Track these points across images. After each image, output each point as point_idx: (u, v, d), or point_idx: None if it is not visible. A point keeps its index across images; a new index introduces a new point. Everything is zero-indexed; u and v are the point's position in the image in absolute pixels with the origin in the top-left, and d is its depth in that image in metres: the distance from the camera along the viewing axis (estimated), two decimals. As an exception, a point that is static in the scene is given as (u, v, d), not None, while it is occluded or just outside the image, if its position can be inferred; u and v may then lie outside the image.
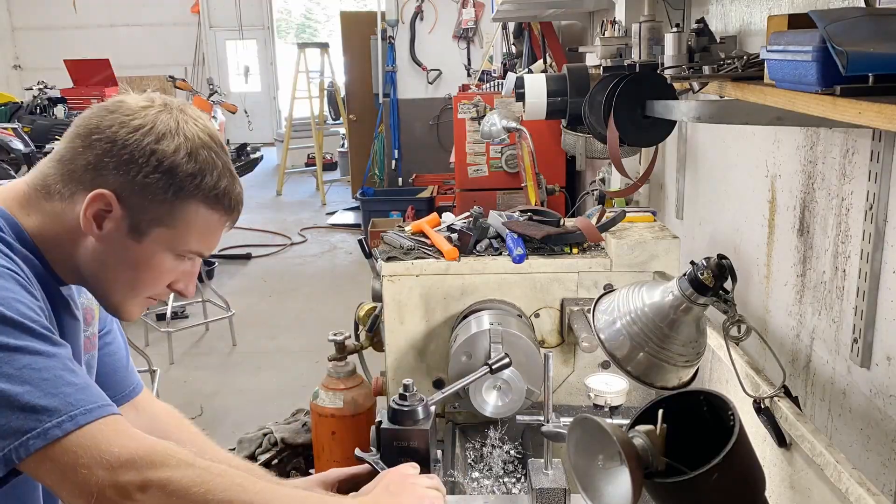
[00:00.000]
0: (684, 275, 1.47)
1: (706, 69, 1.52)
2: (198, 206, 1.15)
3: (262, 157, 9.10)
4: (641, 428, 1.08)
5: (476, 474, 1.75)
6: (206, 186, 1.14)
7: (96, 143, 1.11)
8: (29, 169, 5.33)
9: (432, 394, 1.46)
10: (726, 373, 1.75)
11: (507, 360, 1.47)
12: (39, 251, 1.16)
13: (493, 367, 1.46)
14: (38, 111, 9.48)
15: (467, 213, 2.19)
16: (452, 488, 1.67)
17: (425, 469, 1.32)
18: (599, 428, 1.05)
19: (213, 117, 9.86)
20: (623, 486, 1.04)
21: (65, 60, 11.33)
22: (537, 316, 2.08)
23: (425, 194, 7.55)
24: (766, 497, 1.14)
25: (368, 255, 2.41)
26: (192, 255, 1.20)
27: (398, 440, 1.35)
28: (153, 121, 1.12)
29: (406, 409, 1.35)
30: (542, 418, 1.57)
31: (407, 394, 1.37)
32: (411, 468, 1.27)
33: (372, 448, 1.40)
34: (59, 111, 9.50)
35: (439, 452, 1.43)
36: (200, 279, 5.51)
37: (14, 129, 6.76)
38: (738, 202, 2.10)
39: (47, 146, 5.33)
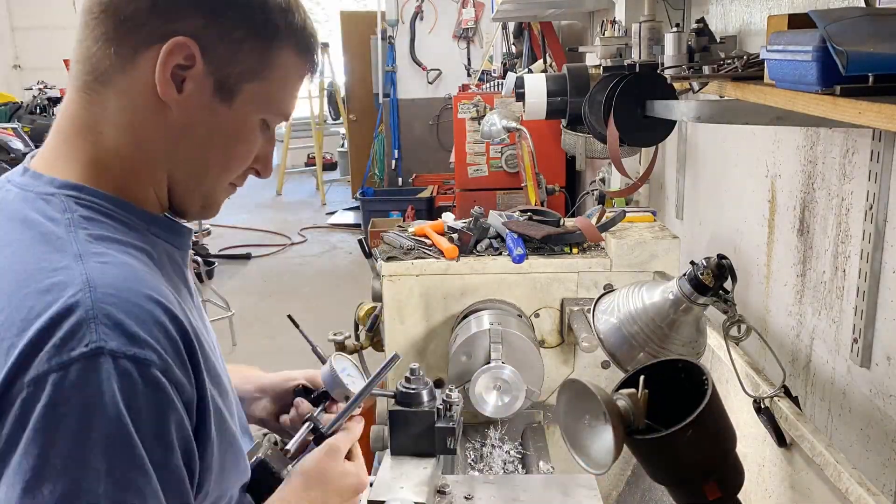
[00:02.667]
0: (684, 275, 1.48)
1: (706, 69, 1.52)
2: (290, 51, 0.91)
3: (262, 156, 9.11)
4: (624, 391, 1.17)
5: (476, 474, 1.75)
6: (297, 26, 0.90)
7: None
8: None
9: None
10: (726, 373, 1.75)
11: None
12: (150, 212, 0.91)
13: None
14: (38, 111, 9.49)
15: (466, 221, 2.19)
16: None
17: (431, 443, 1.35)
18: (586, 390, 1.14)
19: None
20: (606, 443, 1.12)
21: (65, 60, 11.34)
22: (537, 316, 2.08)
23: (425, 194, 7.55)
24: (737, 453, 1.21)
25: (368, 255, 2.41)
26: (278, 120, 0.96)
27: (405, 422, 1.38)
28: None
29: (412, 391, 1.38)
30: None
31: (412, 377, 1.40)
32: (329, 457, 1.12)
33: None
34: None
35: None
36: (200, 279, 5.51)
37: (14, 129, 6.77)
38: (738, 202, 2.10)
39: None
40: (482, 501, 1.40)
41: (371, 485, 1.33)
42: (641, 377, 1.19)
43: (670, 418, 1.14)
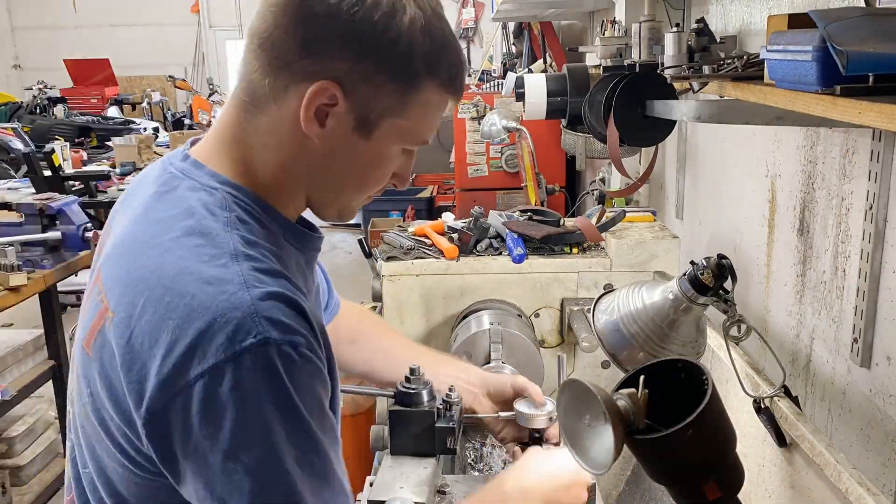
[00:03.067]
0: (684, 275, 1.47)
1: (706, 69, 1.52)
2: (432, 88, 0.95)
3: (262, 156, 9.09)
4: (624, 391, 1.17)
5: (476, 474, 1.75)
6: (442, 66, 0.95)
7: (311, 21, 0.89)
8: (29, 169, 5.30)
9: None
10: (726, 373, 1.75)
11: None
12: (273, 208, 0.99)
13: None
14: (38, 111, 9.49)
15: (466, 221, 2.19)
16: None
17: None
18: (586, 390, 1.13)
19: (213, 117, 9.86)
20: (606, 443, 1.12)
21: (65, 60, 11.35)
22: (537, 316, 2.08)
23: (425, 194, 7.55)
24: (738, 453, 1.22)
25: (368, 255, 2.41)
26: (416, 146, 1.02)
27: (405, 422, 1.38)
28: None
29: (412, 391, 1.38)
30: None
31: (412, 377, 1.40)
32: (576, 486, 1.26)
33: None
34: (59, 111, 9.51)
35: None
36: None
37: (14, 129, 6.76)
38: (738, 202, 2.10)
39: (47, 146, 5.32)
40: None
41: (371, 485, 1.33)
42: (641, 377, 1.19)
43: (670, 418, 1.14)
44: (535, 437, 1.46)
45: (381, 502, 1.25)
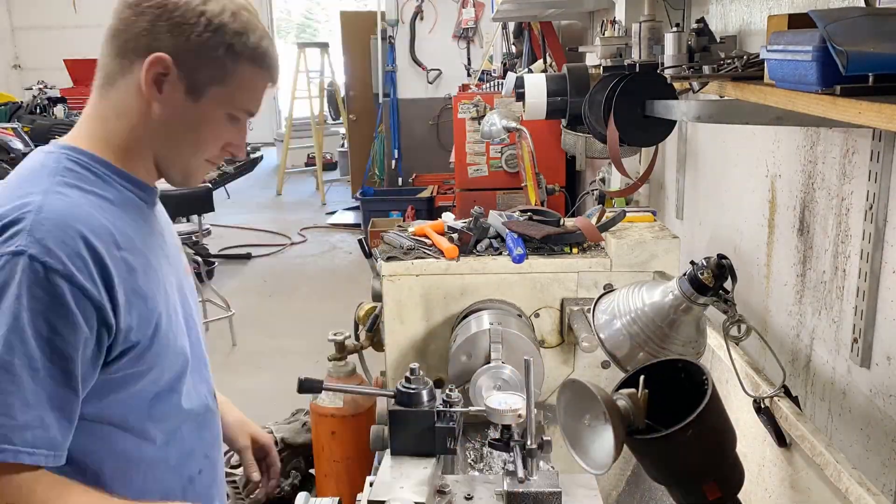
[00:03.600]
0: (684, 274, 1.48)
1: (706, 69, 1.52)
2: (245, 63, 1.20)
3: (262, 157, 9.10)
4: (624, 391, 1.18)
5: (476, 474, 1.75)
6: (251, 45, 1.19)
7: (147, 10, 1.16)
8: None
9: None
10: (726, 373, 1.75)
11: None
12: (128, 172, 1.22)
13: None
14: (37, 111, 9.49)
15: (466, 221, 2.19)
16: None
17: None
18: (586, 390, 1.15)
19: (213, 117, 9.86)
20: (606, 442, 1.13)
21: (65, 60, 11.33)
22: (537, 316, 2.08)
23: (425, 194, 7.55)
24: (738, 453, 1.21)
25: (368, 255, 2.41)
26: (243, 115, 1.25)
27: (405, 422, 1.39)
28: None
29: (412, 391, 1.39)
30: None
31: (412, 377, 1.41)
32: None
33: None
34: (59, 111, 9.51)
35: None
36: (200, 279, 5.51)
37: (14, 129, 6.77)
38: (738, 202, 2.10)
39: (47, 146, 5.32)
40: (482, 501, 1.40)
41: (371, 485, 1.33)
42: (641, 377, 1.19)
43: (670, 418, 1.14)
44: (505, 434, 1.40)
45: (381, 502, 1.25)
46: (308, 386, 1.54)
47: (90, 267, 1.09)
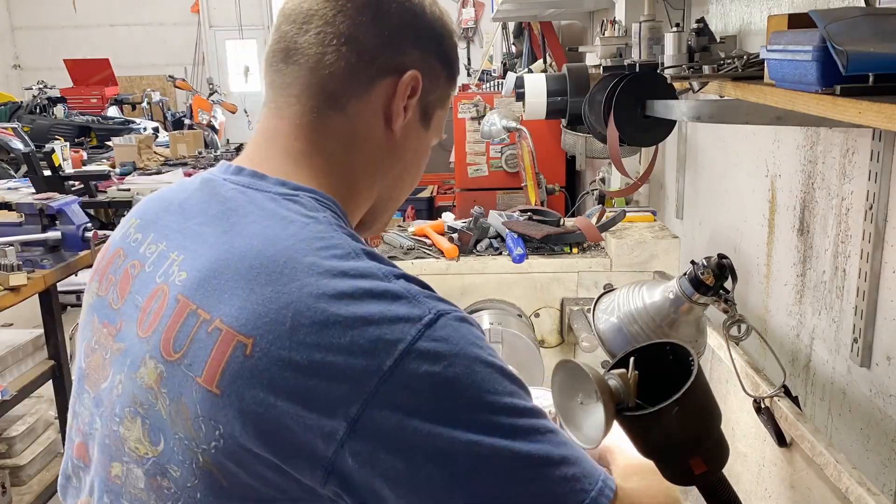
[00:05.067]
0: (685, 274, 1.47)
1: (706, 69, 1.52)
2: (454, 84, 0.99)
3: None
4: (615, 371, 1.22)
5: None
6: (457, 57, 0.99)
7: (391, 12, 0.89)
8: (29, 169, 5.30)
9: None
10: (726, 373, 1.75)
11: None
12: (348, 219, 0.92)
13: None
14: (37, 111, 9.50)
15: (466, 220, 2.19)
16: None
17: None
18: (579, 369, 1.19)
19: (213, 117, 9.87)
20: (598, 419, 1.17)
21: (65, 60, 11.36)
22: (537, 316, 2.08)
23: (425, 194, 7.54)
24: (722, 430, 1.26)
25: (368, 255, 2.40)
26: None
27: None
28: None
29: None
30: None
31: None
32: None
33: None
34: (59, 111, 9.52)
35: None
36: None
37: (14, 129, 6.76)
38: (738, 202, 2.10)
39: (47, 146, 5.33)
40: None
41: None
42: (632, 358, 1.24)
43: (659, 398, 1.18)
44: None
45: None
46: None
47: None
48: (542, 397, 1.43)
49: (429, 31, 0.92)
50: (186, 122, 9.56)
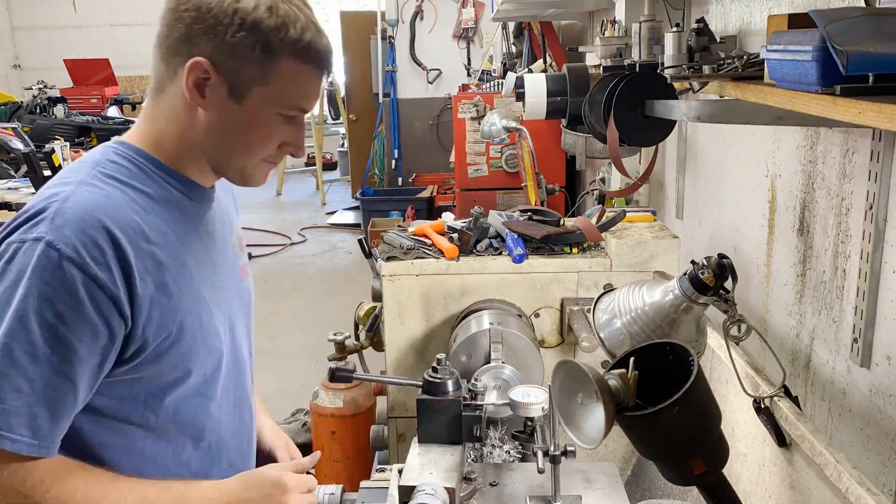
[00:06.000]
0: (685, 274, 1.48)
1: (706, 69, 1.52)
2: (287, 60, 1.15)
3: (262, 156, 9.09)
4: (615, 371, 1.23)
5: (498, 462, 1.75)
6: (291, 39, 1.14)
7: (184, 14, 1.14)
8: (29, 168, 5.30)
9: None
10: (726, 372, 1.75)
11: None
12: (175, 169, 1.23)
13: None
14: (37, 111, 9.49)
15: (466, 220, 2.19)
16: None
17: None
18: (579, 370, 1.20)
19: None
20: (598, 420, 1.18)
21: (65, 60, 11.34)
22: (537, 316, 2.08)
23: (425, 194, 7.55)
24: (722, 430, 1.27)
25: (368, 255, 2.41)
26: (295, 112, 1.22)
27: (432, 411, 1.43)
28: None
29: (439, 381, 1.43)
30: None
31: (439, 367, 1.45)
32: (292, 478, 1.31)
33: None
34: (59, 111, 9.52)
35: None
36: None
37: (14, 129, 6.76)
38: (738, 202, 2.10)
39: (47, 146, 5.33)
40: (507, 488, 1.43)
41: (400, 472, 1.37)
42: (632, 358, 1.23)
43: (659, 398, 1.18)
44: (529, 427, 1.48)
45: (411, 487, 1.28)
46: (340, 375, 1.57)
47: (107, 257, 1.09)
48: (541, 396, 1.43)
49: (219, 21, 1.13)
50: (186, 121, 9.56)
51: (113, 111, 10.50)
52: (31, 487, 1.10)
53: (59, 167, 5.13)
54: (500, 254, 2.08)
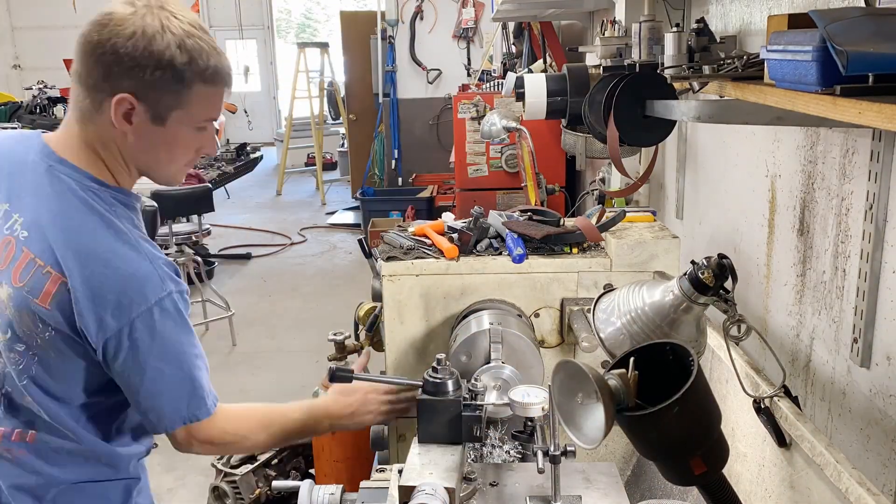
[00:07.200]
0: (685, 274, 1.48)
1: (706, 69, 1.52)
2: (199, 86, 1.36)
3: (262, 156, 9.10)
4: (615, 371, 1.23)
5: (499, 462, 1.75)
6: (200, 69, 1.35)
7: (102, 58, 1.32)
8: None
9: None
10: (726, 373, 1.75)
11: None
12: (115, 188, 1.44)
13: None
14: (37, 111, 9.49)
15: (466, 220, 2.19)
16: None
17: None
18: (579, 370, 1.21)
19: (213, 117, 9.85)
20: (598, 419, 1.18)
21: (65, 60, 11.32)
22: (537, 316, 2.08)
23: (425, 194, 7.55)
24: (722, 430, 1.27)
25: (368, 255, 2.41)
26: (207, 124, 1.44)
27: (433, 411, 1.44)
28: (141, 25, 1.31)
29: (439, 381, 1.45)
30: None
31: (439, 367, 1.46)
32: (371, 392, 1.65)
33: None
34: (59, 111, 9.51)
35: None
36: (200, 279, 5.51)
37: (14, 129, 6.76)
38: (738, 202, 2.10)
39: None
40: (507, 488, 1.43)
41: (400, 472, 1.38)
42: (632, 359, 1.23)
43: (660, 398, 1.18)
44: (529, 427, 1.49)
45: (411, 488, 1.28)
46: (340, 375, 1.59)
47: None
48: (541, 396, 1.43)
49: (136, 61, 1.31)
50: (186, 122, 9.56)
51: (113, 111, 10.48)
52: (222, 430, 1.51)
53: (59, 167, 5.12)
54: (500, 254, 2.08)
